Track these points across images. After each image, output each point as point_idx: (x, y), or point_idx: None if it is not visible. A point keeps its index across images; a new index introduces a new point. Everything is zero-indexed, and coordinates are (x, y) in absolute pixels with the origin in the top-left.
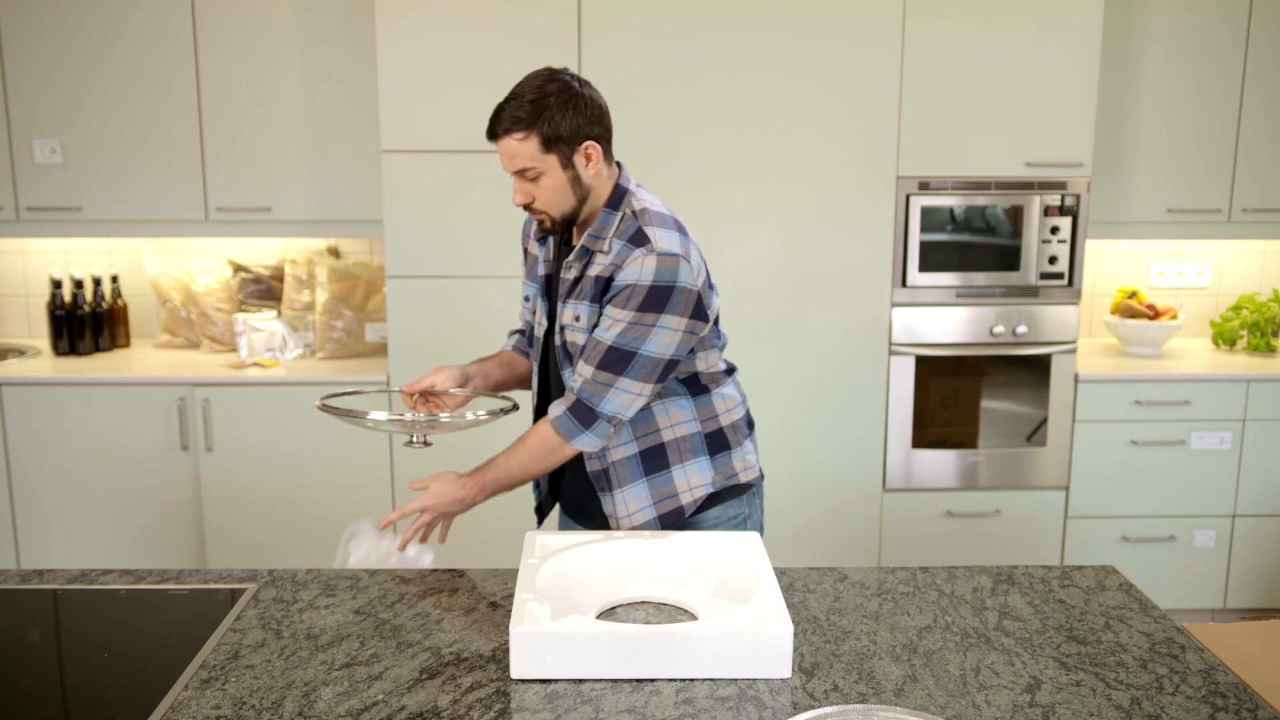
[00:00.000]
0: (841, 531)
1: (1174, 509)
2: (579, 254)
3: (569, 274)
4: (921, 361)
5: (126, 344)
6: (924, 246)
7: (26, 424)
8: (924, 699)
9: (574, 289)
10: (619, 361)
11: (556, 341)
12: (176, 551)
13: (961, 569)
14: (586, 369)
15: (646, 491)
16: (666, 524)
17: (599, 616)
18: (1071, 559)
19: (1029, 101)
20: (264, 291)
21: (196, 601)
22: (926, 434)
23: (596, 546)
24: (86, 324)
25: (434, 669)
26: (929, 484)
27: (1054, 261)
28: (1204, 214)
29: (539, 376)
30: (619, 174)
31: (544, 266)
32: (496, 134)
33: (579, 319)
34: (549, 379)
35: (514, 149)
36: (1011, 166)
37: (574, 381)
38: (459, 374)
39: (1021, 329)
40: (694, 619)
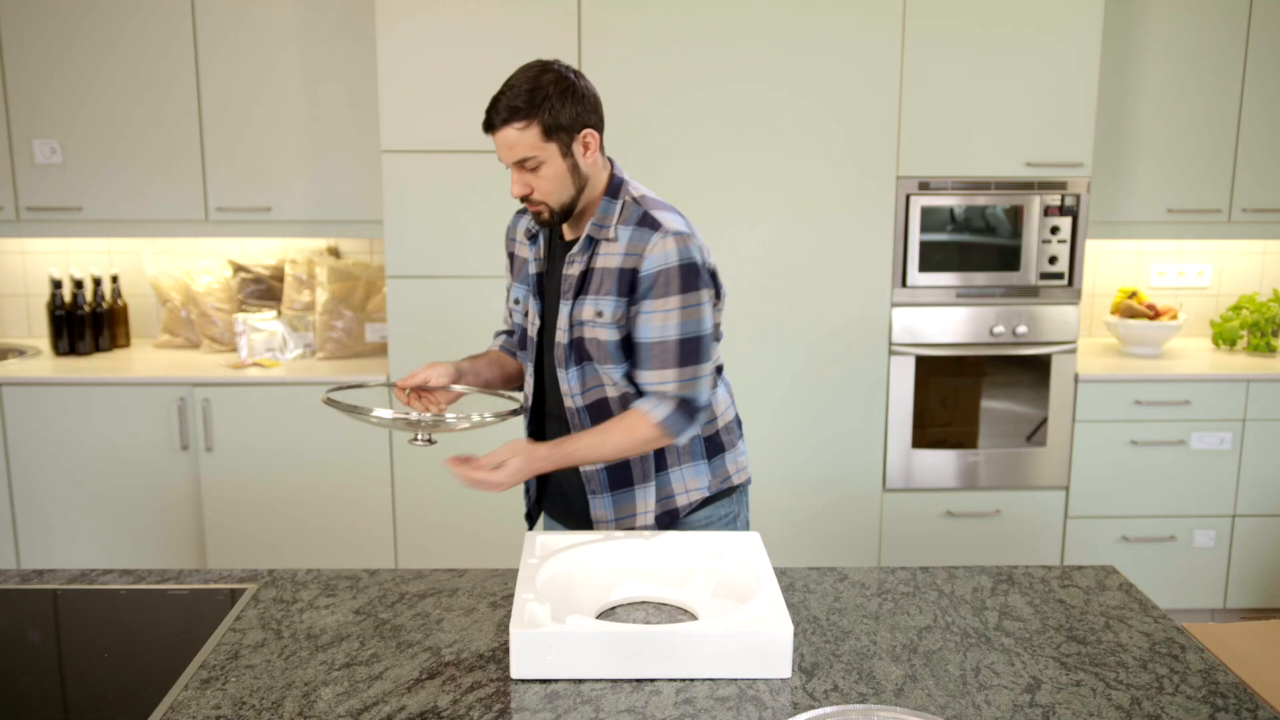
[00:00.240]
0: (841, 531)
1: (1174, 509)
2: (583, 246)
3: (571, 269)
4: (921, 361)
5: (126, 344)
6: (924, 246)
7: (26, 424)
8: (924, 699)
9: (582, 284)
10: (694, 350)
11: (561, 340)
12: (176, 551)
13: (961, 569)
14: (669, 371)
15: (645, 496)
16: (659, 525)
17: (599, 616)
18: (1071, 559)
19: (1029, 101)
20: (264, 291)
21: (196, 601)
22: (926, 434)
23: (596, 546)
24: (86, 324)
25: (434, 669)
26: (929, 484)
27: (1054, 261)
28: (1204, 214)
29: (534, 377)
30: (611, 166)
31: (535, 265)
32: (495, 125)
33: (601, 314)
34: (544, 379)
35: (514, 139)
36: (1011, 166)
37: (663, 387)
38: (452, 370)
39: (1021, 329)
40: (694, 619)
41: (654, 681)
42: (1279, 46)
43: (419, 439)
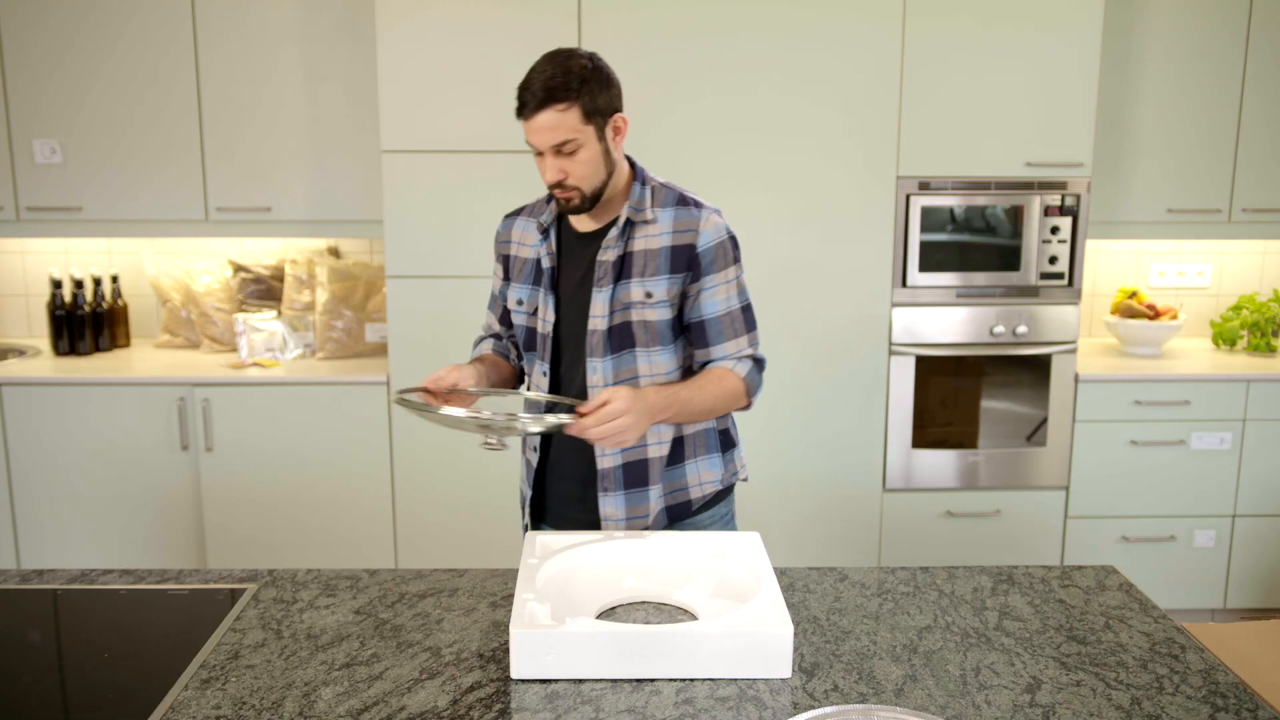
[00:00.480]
0: (841, 531)
1: (1174, 509)
2: (622, 230)
3: (606, 255)
4: (921, 361)
5: (126, 344)
6: (924, 246)
7: (26, 424)
8: (924, 699)
9: (622, 268)
10: (752, 315)
11: (598, 328)
12: (176, 551)
13: (961, 569)
14: (741, 339)
15: (657, 496)
16: (670, 517)
17: (599, 616)
18: (1071, 559)
19: (1029, 101)
20: (264, 291)
21: (196, 601)
22: (926, 434)
23: (596, 546)
24: (86, 324)
25: (434, 669)
26: (929, 484)
27: (1054, 261)
28: (1204, 214)
29: (550, 375)
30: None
31: (549, 260)
32: (535, 107)
33: (650, 295)
34: (560, 374)
35: (555, 121)
36: (1011, 166)
37: (740, 354)
38: (473, 373)
39: (1021, 329)
40: (694, 619)
41: (654, 681)
42: (1279, 46)
43: (493, 442)
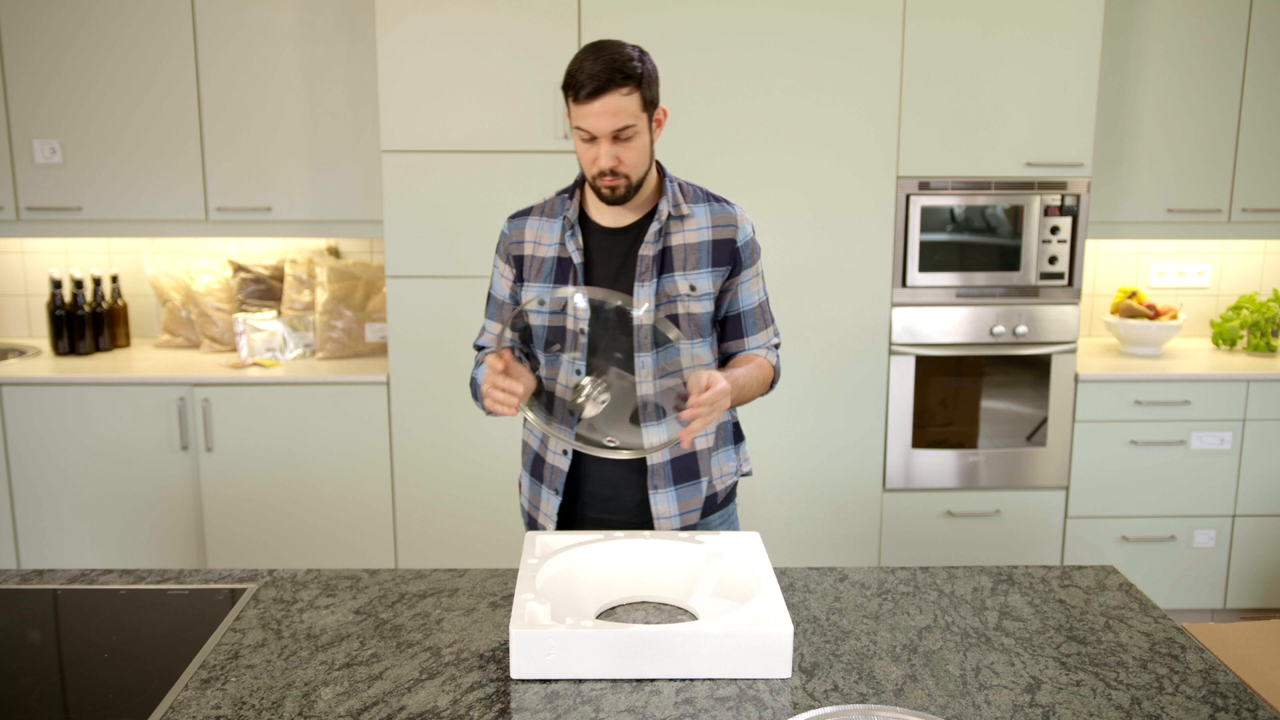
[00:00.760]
0: (841, 531)
1: (1174, 509)
2: (667, 224)
3: (647, 250)
4: (921, 361)
5: (126, 344)
6: (924, 246)
7: (26, 424)
8: (924, 699)
9: (663, 263)
10: (770, 308)
11: (643, 321)
12: (176, 551)
13: (961, 569)
14: (769, 329)
15: (703, 489)
16: (704, 513)
17: (599, 616)
18: (1071, 559)
19: (1029, 101)
20: (264, 291)
21: (196, 601)
22: (926, 434)
23: (596, 546)
24: (86, 324)
25: (434, 669)
26: (929, 484)
27: (1054, 261)
28: (1204, 214)
29: (586, 370)
30: None
31: (578, 255)
32: (598, 90)
33: (694, 288)
34: (594, 368)
35: (619, 105)
36: (1011, 166)
37: (770, 340)
38: (528, 369)
39: (1021, 329)
40: (694, 619)
41: (654, 681)
42: (1279, 46)
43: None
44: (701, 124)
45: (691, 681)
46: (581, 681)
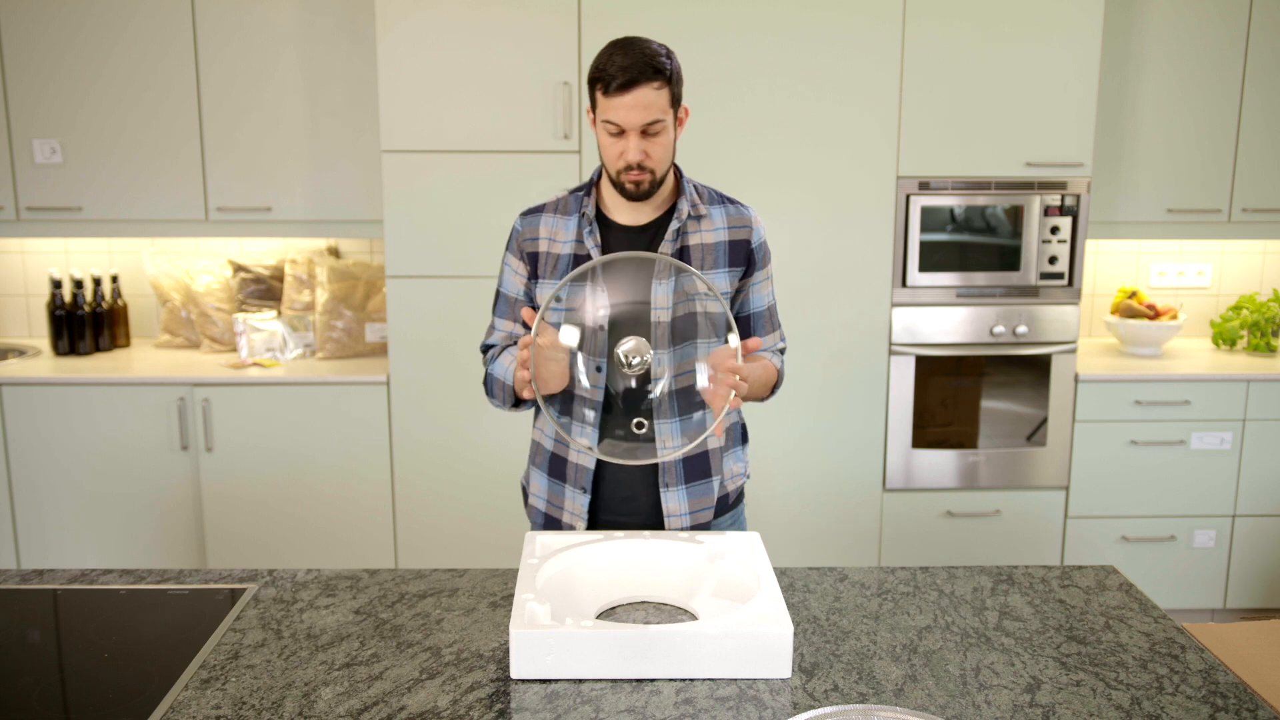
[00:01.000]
0: (841, 531)
1: (1174, 509)
2: (687, 223)
3: (667, 248)
4: (921, 361)
5: (126, 344)
6: (924, 246)
7: (27, 424)
8: (924, 699)
9: (681, 261)
10: (778, 314)
11: (663, 320)
12: (176, 551)
13: (961, 569)
14: (777, 332)
15: (715, 488)
16: (717, 514)
17: (599, 616)
18: (1071, 559)
19: (1029, 102)
20: (264, 291)
21: (196, 601)
22: (926, 434)
23: (596, 546)
24: (86, 324)
25: (434, 669)
26: (929, 484)
27: (1054, 261)
28: (1204, 214)
29: (605, 369)
30: None
31: (597, 253)
32: (630, 82)
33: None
34: (612, 367)
35: (650, 99)
36: (1011, 166)
37: (776, 344)
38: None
39: (1021, 329)
40: (694, 619)
41: (654, 681)
42: (1279, 46)
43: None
44: (701, 124)
45: (691, 681)
46: (581, 681)
